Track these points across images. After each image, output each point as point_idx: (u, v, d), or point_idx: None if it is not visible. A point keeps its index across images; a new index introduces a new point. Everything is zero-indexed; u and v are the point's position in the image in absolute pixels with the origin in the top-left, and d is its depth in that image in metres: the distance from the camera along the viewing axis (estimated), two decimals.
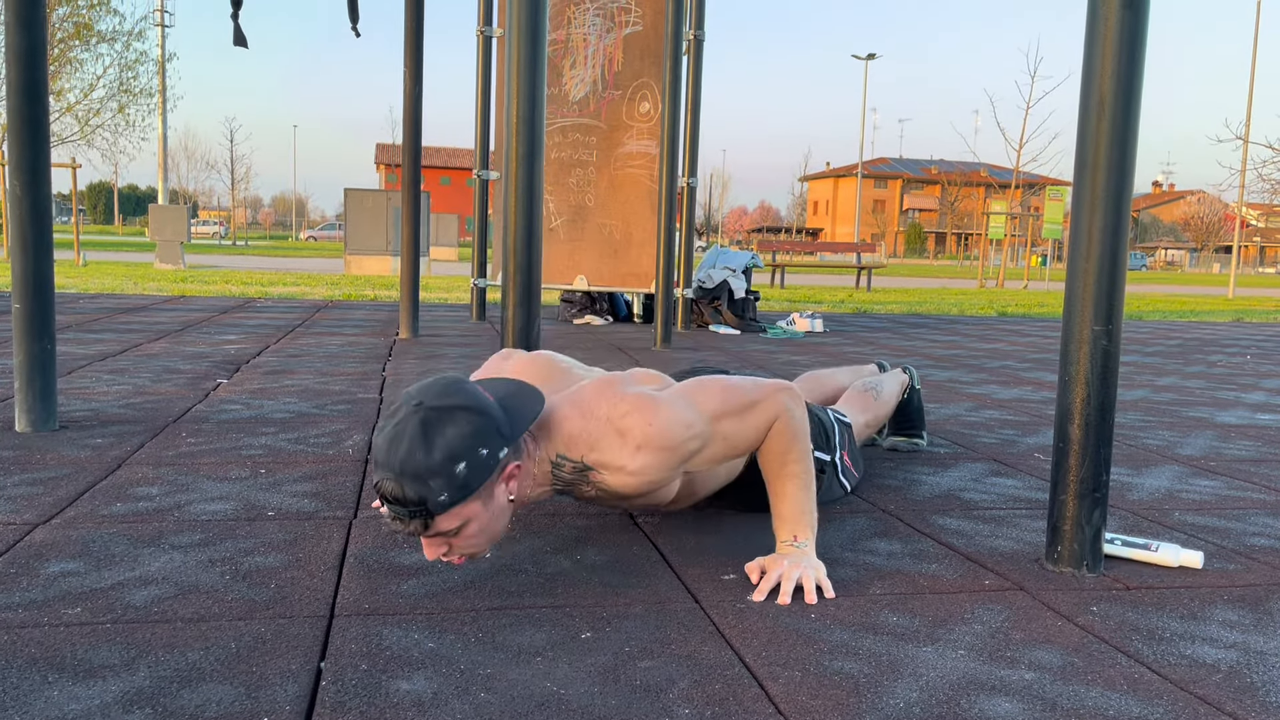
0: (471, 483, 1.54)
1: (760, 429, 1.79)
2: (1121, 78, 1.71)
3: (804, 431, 1.81)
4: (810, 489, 1.80)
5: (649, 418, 1.70)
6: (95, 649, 1.37)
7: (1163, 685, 1.38)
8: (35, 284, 2.68)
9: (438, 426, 1.53)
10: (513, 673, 1.35)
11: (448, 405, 1.55)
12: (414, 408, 1.55)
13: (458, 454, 1.52)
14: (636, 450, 1.69)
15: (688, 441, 1.73)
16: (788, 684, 1.34)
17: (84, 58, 24.66)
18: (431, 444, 1.51)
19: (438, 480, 1.51)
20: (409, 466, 1.50)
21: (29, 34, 2.61)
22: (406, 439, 1.52)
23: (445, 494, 1.52)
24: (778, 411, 1.79)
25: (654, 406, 1.71)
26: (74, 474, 2.31)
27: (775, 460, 1.80)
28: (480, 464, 1.54)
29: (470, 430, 1.54)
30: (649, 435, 1.69)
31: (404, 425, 1.54)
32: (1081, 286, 1.77)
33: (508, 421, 1.60)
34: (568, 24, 6.42)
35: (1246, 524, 2.24)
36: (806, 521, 1.78)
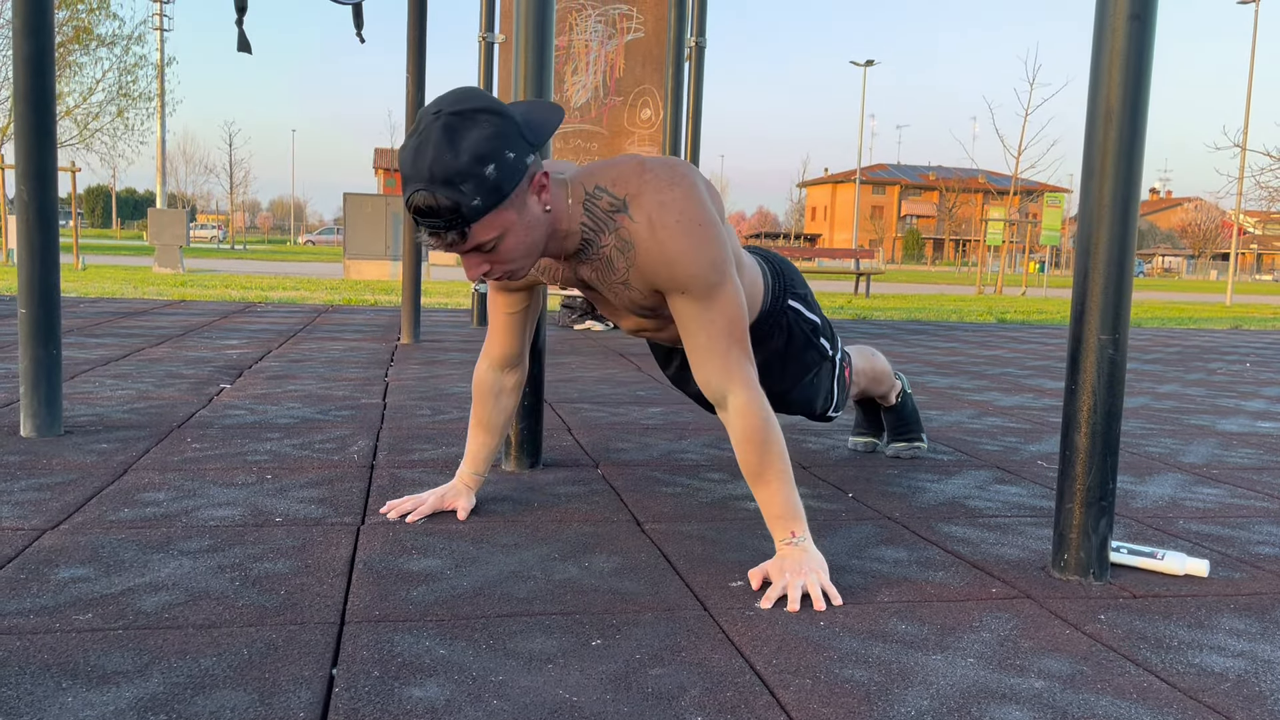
0: (503, 185, 1.54)
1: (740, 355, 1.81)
2: (1128, 88, 1.72)
3: (774, 424, 1.81)
4: (791, 481, 1.81)
5: (699, 213, 1.74)
6: (108, 655, 1.37)
7: (1172, 694, 1.38)
8: (42, 289, 2.68)
9: (461, 130, 1.53)
10: (524, 680, 1.35)
11: (468, 109, 1.55)
12: (434, 115, 1.55)
13: (485, 155, 1.52)
14: (677, 222, 1.72)
15: (720, 252, 1.76)
16: (799, 691, 1.34)
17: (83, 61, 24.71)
18: (458, 147, 1.51)
19: (469, 184, 1.51)
20: (438, 171, 1.50)
21: (36, 40, 2.61)
22: (432, 145, 1.52)
23: (478, 197, 1.52)
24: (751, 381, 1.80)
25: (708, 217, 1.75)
26: (80, 479, 2.31)
27: (755, 466, 1.80)
28: (509, 166, 1.55)
29: (494, 132, 1.54)
30: (690, 212, 1.73)
31: (427, 133, 1.53)
32: (1088, 296, 1.78)
33: (529, 127, 1.61)
34: (570, 30, 6.43)
35: (1251, 532, 2.24)
36: (797, 515, 1.79)
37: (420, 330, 5.88)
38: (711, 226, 1.77)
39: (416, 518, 2.08)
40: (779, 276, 2.26)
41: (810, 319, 2.30)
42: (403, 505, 2.11)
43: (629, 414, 3.49)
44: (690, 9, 6.14)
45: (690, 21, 6.16)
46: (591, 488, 2.42)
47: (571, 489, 2.40)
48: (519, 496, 2.31)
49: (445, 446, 2.82)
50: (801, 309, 2.28)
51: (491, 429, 2.19)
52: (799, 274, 2.36)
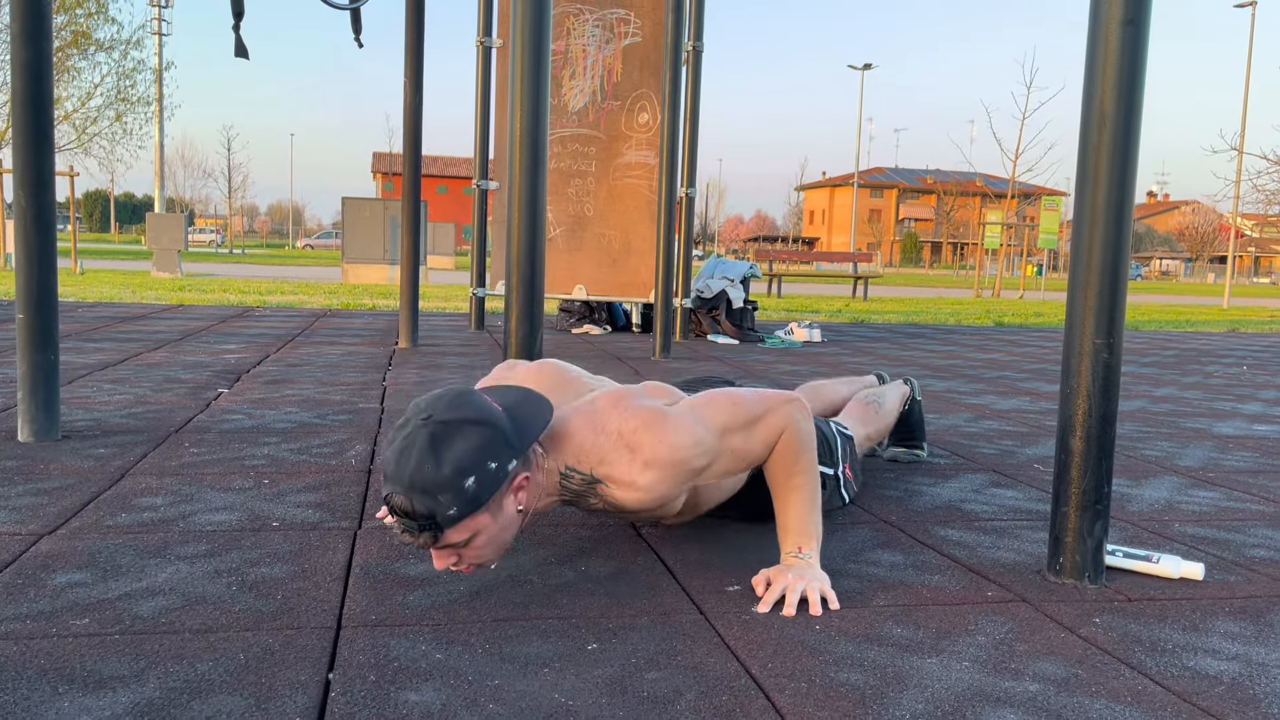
0: (481, 496, 1.54)
1: (768, 442, 1.80)
2: (1122, 93, 1.73)
3: (811, 444, 1.82)
4: (815, 500, 1.81)
5: (659, 434, 1.70)
6: (104, 660, 1.38)
7: (1166, 697, 1.39)
8: (39, 295, 2.69)
9: (446, 441, 1.53)
10: (520, 684, 1.35)
11: (456, 419, 1.56)
12: (423, 421, 1.56)
13: (467, 468, 1.53)
14: (645, 466, 1.70)
15: (697, 458, 1.74)
16: (794, 695, 1.35)
17: (81, 66, 24.69)
18: (440, 458, 1.52)
19: (446, 494, 1.52)
20: (418, 481, 1.51)
21: (35, 46, 2.62)
22: (415, 453, 1.52)
23: (455, 508, 1.53)
24: (784, 424, 1.80)
25: (664, 423, 1.72)
26: (78, 484, 2.31)
27: (781, 473, 1.81)
28: (489, 477, 1.55)
29: (479, 444, 1.55)
30: (659, 452, 1.70)
31: (413, 439, 1.54)
32: (1083, 299, 1.78)
33: (516, 432, 1.61)
34: (567, 35, 6.44)
35: (1246, 535, 2.25)
36: (811, 533, 1.79)
37: (418, 335, 5.88)
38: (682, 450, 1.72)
39: None
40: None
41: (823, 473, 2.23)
42: None
43: None
44: (687, 13, 6.15)
45: (688, 25, 6.17)
46: None
47: None
48: None
49: None
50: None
51: None
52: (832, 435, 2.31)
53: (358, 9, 4.74)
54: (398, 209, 14.53)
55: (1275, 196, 22.15)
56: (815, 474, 1.82)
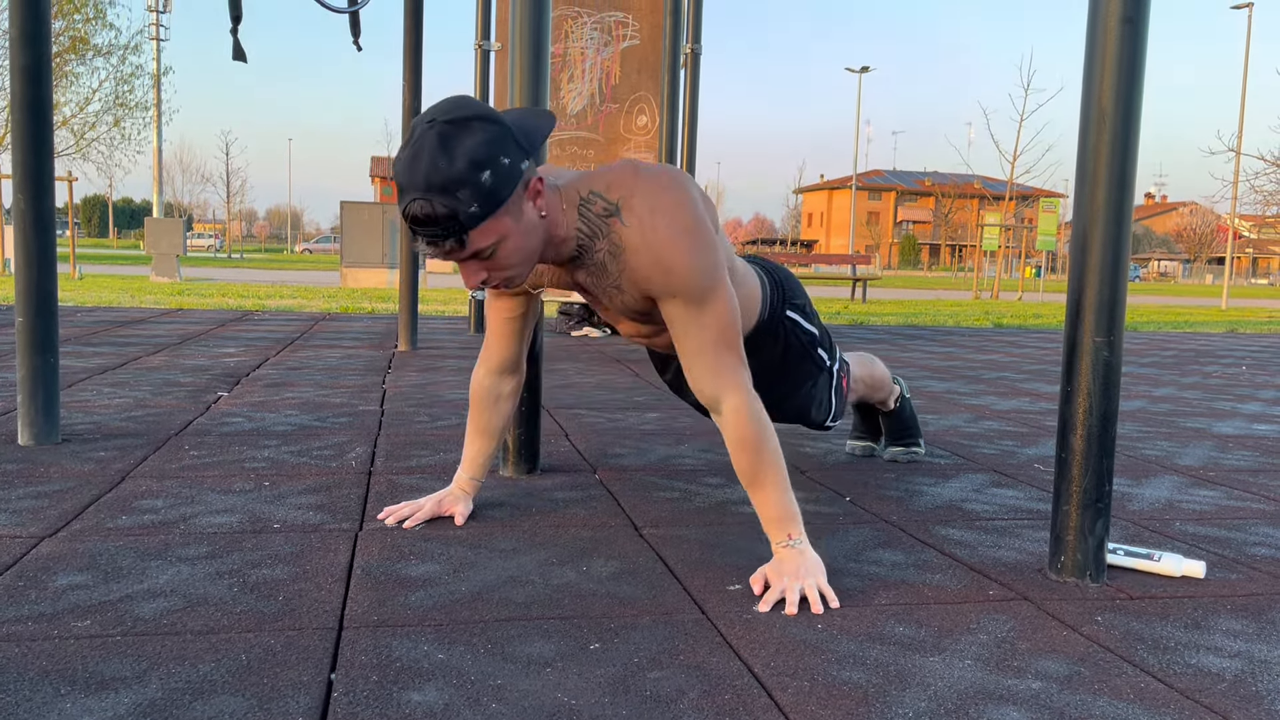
0: (500, 191, 1.54)
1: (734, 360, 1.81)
2: (1121, 91, 1.73)
3: (769, 428, 1.81)
4: (787, 484, 1.81)
5: (690, 217, 1.74)
6: (106, 661, 1.37)
7: (1169, 694, 1.39)
8: (39, 298, 2.69)
9: (455, 137, 1.53)
10: (523, 684, 1.35)
11: (461, 117, 1.56)
12: (428, 124, 1.56)
13: (481, 161, 1.52)
14: (668, 225, 1.72)
15: (712, 261, 1.75)
16: (796, 693, 1.34)
17: (79, 71, 24.70)
18: (453, 154, 1.51)
19: (465, 190, 1.52)
20: (434, 179, 1.51)
21: (34, 50, 2.62)
22: (427, 154, 1.52)
23: (475, 204, 1.53)
24: (744, 384, 1.80)
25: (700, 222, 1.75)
26: (78, 487, 2.31)
27: (749, 470, 1.80)
28: (504, 172, 1.55)
29: (488, 138, 1.55)
30: (681, 217, 1.73)
31: (422, 142, 1.54)
32: (1083, 298, 1.79)
33: (523, 133, 1.62)
34: (565, 38, 6.45)
35: (1247, 534, 2.25)
36: (793, 518, 1.79)
37: (418, 337, 5.88)
38: (703, 232, 1.77)
39: (414, 523, 2.08)
40: (777, 287, 2.27)
41: (808, 329, 2.30)
42: (400, 511, 2.12)
43: (626, 420, 3.49)
44: (685, 16, 6.16)
45: (686, 28, 6.18)
46: (589, 493, 2.42)
47: (569, 494, 2.40)
48: (516, 502, 2.31)
49: (443, 453, 2.82)
50: (799, 319, 2.29)
51: (489, 434, 2.20)
52: (798, 284, 2.37)
53: (357, 13, 4.75)
54: (396, 213, 14.53)
55: (1273, 197, 22.18)
56: (780, 459, 1.81)
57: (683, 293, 1.76)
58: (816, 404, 2.38)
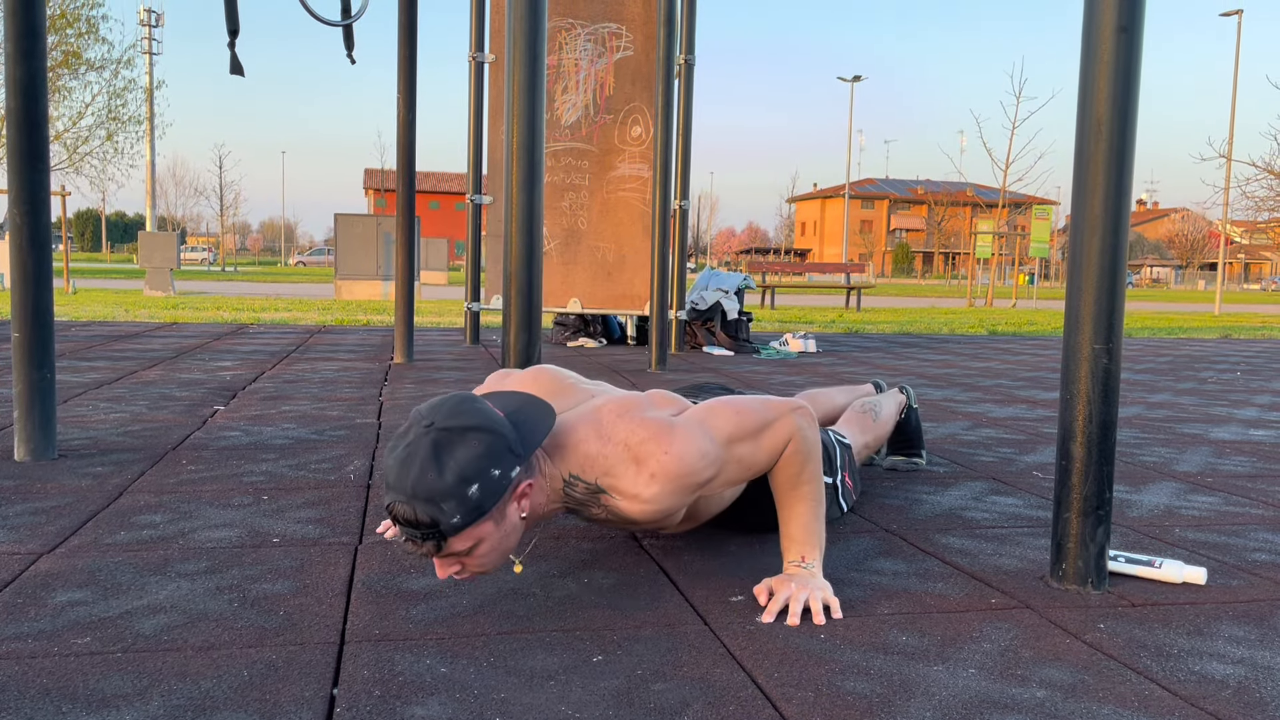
0: (485, 504, 1.53)
1: (774, 451, 1.79)
2: (1117, 100, 1.74)
3: (817, 452, 1.81)
4: (820, 510, 1.80)
5: (665, 445, 1.69)
6: (107, 678, 1.37)
7: (1173, 701, 1.38)
8: (35, 313, 2.68)
9: (449, 448, 1.52)
10: (527, 697, 1.35)
11: (459, 426, 1.54)
12: (425, 429, 1.54)
13: (470, 475, 1.51)
14: (651, 478, 1.68)
15: (703, 470, 1.72)
16: (801, 705, 1.34)
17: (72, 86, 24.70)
18: (443, 466, 1.50)
19: (450, 503, 1.51)
20: (421, 489, 1.50)
21: (29, 64, 2.62)
22: (418, 461, 1.51)
23: (458, 516, 1.51)
24: (791, 432, 1.79)
25: (671, 434, 1.70)
26: (76, 502, 2.30)
27: (787, 482, 1.80)
28: (493, 484, 1.54)
29: (482, 451, 1.53)
30: (664, 464, 1.68)
31: (415, 447, 1.53)
32: (1081, 305, 1.79)
33: (520, 439, 1.60)
34: (560, 49, 6.46)
35: (1247, 539, 2.25)
36: (815, 542, 1.78)
37: (414, 350, 5.87)
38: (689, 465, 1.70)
39: None
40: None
41: None
42: None
43: None
44: (679, 27, 6.17)
45: (679, 39, 6.20)
46: None
47: None
48: None
49: None
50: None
51: None
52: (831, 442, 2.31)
53: (350, 26, 4.75)
54: (391, 225, 14.54)
55: (1265, 203, 22.27)
56: (820, 482, 1.81)
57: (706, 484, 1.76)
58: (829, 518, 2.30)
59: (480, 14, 6.65)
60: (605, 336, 7.54)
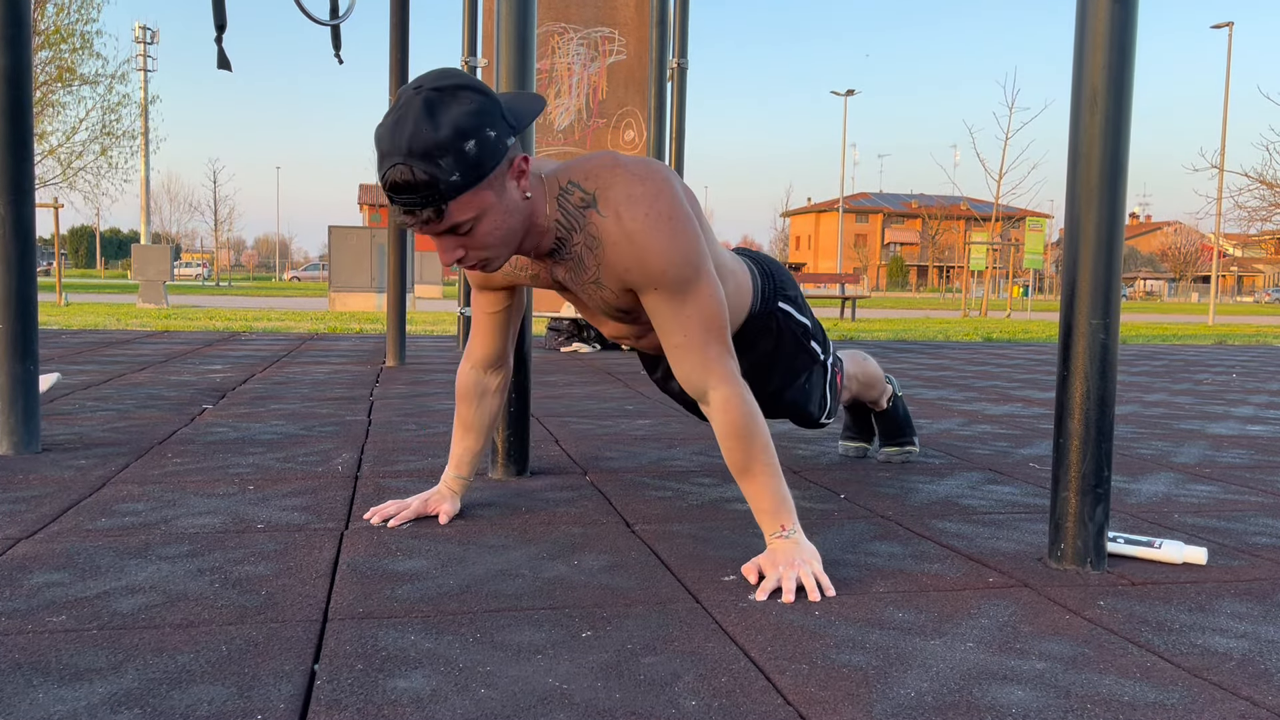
0: (483, 163, 1.49)
1: (720, 350, 1.76)
2: (1113, 70, 1.72)
3: (759, 418, 1.77)
4: (779, 474, 1.77)
5: (669, 208, 1.70)
6: (81, 653, 1.33)
7: (1176, 673, 1.35)
8: (19, 304, 2.64)
9: (442, 104, 1.48)
10: (513, 670, 1.31)
11: (450, 85, 1.51)
12: (415, 90, 1.51)
13: (466, 130, 1.48)
14: (645, 216, 1.67)
15: (692, 245, 1.71)
16: (795, 676, 1.31)
17: (66, 101, 24.73)
18: (438, 121, 1.46)
19: (448, 158, 1.47)
20: (416, 145, 1.46)
21: (13, 53, 2.59)
22: (411, 119, 1.47)
23: (457, 173, 1.48)
24: (732, 375, 1.77)
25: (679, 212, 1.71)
26: (57, 492, 2.26)
27: (740, 460, 1.76)
28: (490, 144, 1.50)
29: (476, 109, 1.50)
30: (659, 207, 1.68)
31: (407, 108, 1.49)
32: (1079, 280, 1.76)
33: (511, 111, 1.57)
34: (552, 53, 6.46)
35: (1247, 524, 2.22)
36: (787, 509, 1.75)
37: (405, 353, 5.84)
38: (682, 220, 1.72)
39: (400, 522, 2.04)
40: (768, 278, 2.23)
41: (801, 321, 2.27)
42: (386, 509, 2.07)
43: (617, 426, 3.46)
44: (671, 31, 6.17)
45: (672, 43, 6.20)
46: (580, 493, 2.38)
47: (559, 494, 2.36)
48: (506, 501, 2.27)
49: (431, 458, 2.78)
50: (792, 311, 2.25)
51: (476, 431, 2.16)
52: (790, 276, 2.33)
53: (338, 26, 4.74)
54: (385, 237, 14.51)
55: (1257, 213, 22.34)
56: (771, 448, 1.77)
57: (663, 283, 1.72)
58: (811, 398, 2.34)
59: (472, 18, 6.65)
60: (599, 341, 7.51)
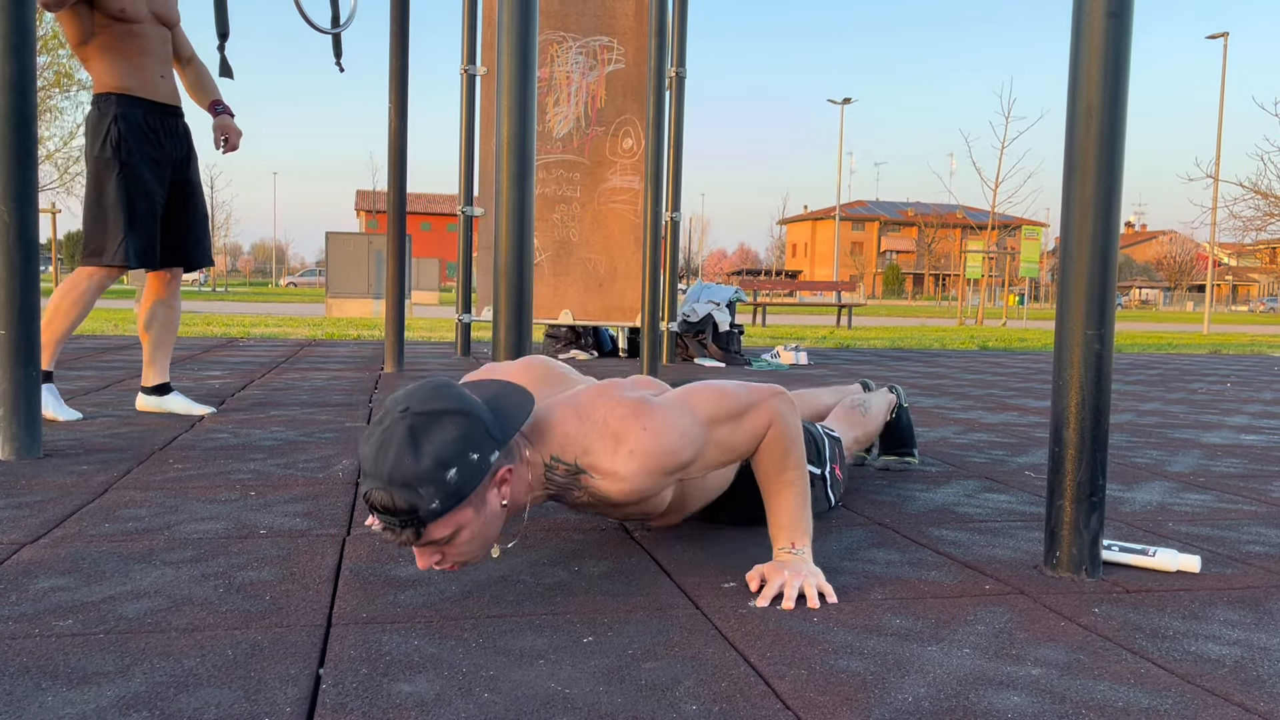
0: (463, 489, 1.51)
1: (755, 434, 1.78)
2: (1108, 84, 1.74)
3: (799, 438, 1.80)
4: (806, 496, 1.79)
5: (644, 422, 1.67)
6: (89, 657, 1.34)
7: (1170, 679, 1.37)
8: (22, 310, 2.66)
9: (426, 432, 1.49)
10: (516, 674, 1.33)
11: (435, 410, 1.52)
12: (400, 414, 1.51)
13: (448, 460, 1.49)
14: (630, 455, 1.66)
15: (682, 448, 1.70)
16: (794, 682, 1.32)
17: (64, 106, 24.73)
18: (420, 450, 1.47)
19: (428, 488, 1.48)
20: (398, 475, 1.47)
21: (17, 61, 2.61)
22: (395, 446, 1.48)
23: (436, 501, 1.49)
24: (772, 417, 1.78)
25: (650, 411, 1.69)
26: (60, 497, 2.27)
27: (772, 468, 1.79)
28: (471, 469, 1.51)
29: (459, 435, 1.50)
30: (643, 440, 1.66)
31: (391, 433, 1.50)
32: (1074, 289, 1.78)
33: (498, 423, 1.57)
34: (551, 62, 6.48)
35: (1240, 533, 2.24)
36: (803, 529, 1.77)
37: (404, 360, 5.85)
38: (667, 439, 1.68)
39: None
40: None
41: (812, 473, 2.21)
42: None
43: None
44: (670, 40, 6.20)
45: (670, 51, 6.23)
46: None
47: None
48: None
49: None
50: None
51: None
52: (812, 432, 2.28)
53: (339, 34, 4.76)
54: (382, 243, 14.53)
55: (1251, 223, 22.43)
56: (805, 469, 1.80)
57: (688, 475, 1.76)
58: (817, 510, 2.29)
59: (472, 27, 6.68)
60: (597, 349, 7.53)
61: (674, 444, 1.69)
